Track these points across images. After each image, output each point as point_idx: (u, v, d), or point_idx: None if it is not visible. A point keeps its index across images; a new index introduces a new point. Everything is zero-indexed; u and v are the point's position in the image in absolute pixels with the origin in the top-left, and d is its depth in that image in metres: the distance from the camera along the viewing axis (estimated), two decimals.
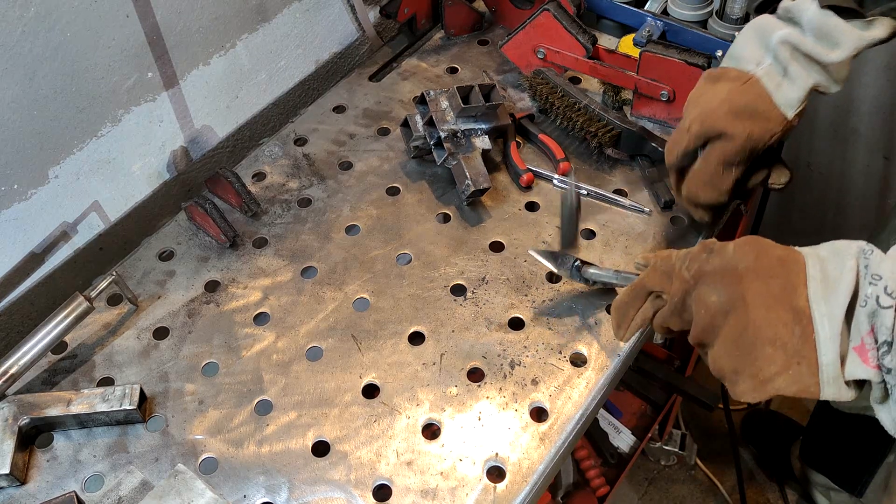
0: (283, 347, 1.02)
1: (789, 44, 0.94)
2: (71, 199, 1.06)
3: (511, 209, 1.17)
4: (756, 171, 1.02)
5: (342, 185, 1.22)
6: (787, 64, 0.94)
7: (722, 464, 2.12)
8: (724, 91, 0.97)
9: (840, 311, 0.68)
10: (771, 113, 0.95)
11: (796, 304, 0.71)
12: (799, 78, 0.94)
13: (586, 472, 1.79)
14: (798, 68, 0.94)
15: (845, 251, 0.71)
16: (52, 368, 1.01)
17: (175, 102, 1.13)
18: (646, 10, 1.36)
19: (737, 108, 0.95)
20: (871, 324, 0.67)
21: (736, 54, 0.99)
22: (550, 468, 0.90)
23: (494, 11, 1.49)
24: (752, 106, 0.95)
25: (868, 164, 1.87)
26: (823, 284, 0.70)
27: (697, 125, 0.97)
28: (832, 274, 0.70)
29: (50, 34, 0.92)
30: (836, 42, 0.92)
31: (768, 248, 0.76)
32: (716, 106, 0.96)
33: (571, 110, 1.21)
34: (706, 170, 0.98)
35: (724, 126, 0.95)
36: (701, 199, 1.01)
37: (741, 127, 0.94)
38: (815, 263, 0.72)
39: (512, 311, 1.04)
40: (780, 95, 0.95)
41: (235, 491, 0.89)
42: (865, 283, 0.67)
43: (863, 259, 0.69)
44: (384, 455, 0.91)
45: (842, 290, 0.68)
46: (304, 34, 1.30)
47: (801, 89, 0.95)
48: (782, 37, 0.94)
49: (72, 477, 0.91)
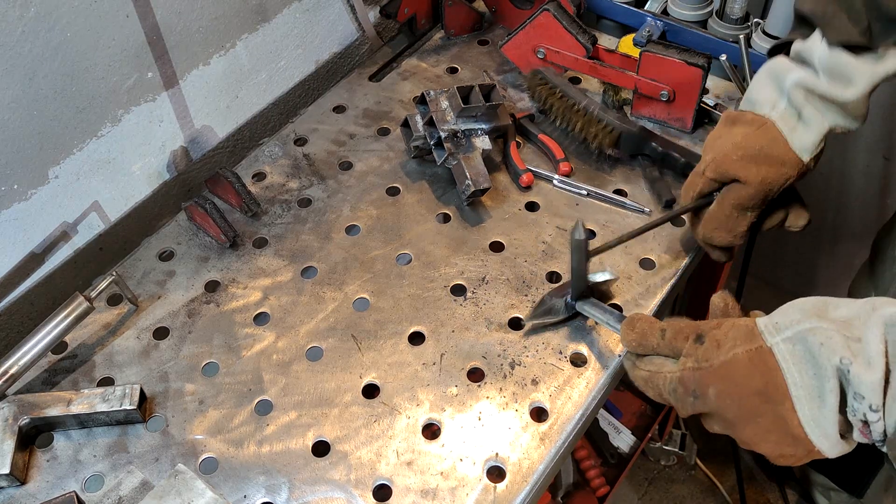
0: (283, 347, 1.02)
1: (803, 87, 0.93)
2: (71, 199, 1.06)
3: (511, 209, 1.17)
4: (773, 213, 1.02)
5: (342, 185, 1.22)
6: (801, 107, 0.93)
7: (722, 464, 2.11)
8: (739, 135, 0.96)
9: (833, 429, 0.68)
10: (786, 157, 0.94)
11: (793, 433, 0.71)
12: (814, 121, 0.93)
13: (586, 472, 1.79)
14: (813, 111, 0.93)
15: (824, 361, 0.68)
16: (52, 368, 1.01)
17: (175, 102, 1.13)
18: (646, 10, 1.36)
19: (751, 154, 0.94)
20: (862, 423, 0.67)
21: (752, 98, 0.99)
22: (550, 468, 0.90)
23: (494, 11, 1.49)
24: (767, 151, 0.94)
25: (868, 164, 1.86)
26: (810, 405, 0.69)
27: (711, 170, 0.97)
28: (815, 389, 0.69)
29: (50, 34, 0.92)
30: (849, 80, 0.90)
31: (745, 387, 0.73)
32: (729, 150, 0.96)
33: (570, 111, 1.21)
34: (720, 214, 0.98)
35: (737, 171, 0.95)
36: (716, 241, 1.01)
37: (755, 172, 0.94)
38: (795, 382, 0.69)
39: (512, 311, 1.04)
40: (796, 139, 0.94)
41: (235, 491, 0.89)
42: (850, 397, 0.66)
43: (843, 373, 0.67)
44: (384, 455, 0.91)
45: (829, 409, 0.68)
46: (304, 34, 1.30)
47: (817, 133, 0.94)
48: (795, 80, 0.93)
49: (72, 477, 0.91)
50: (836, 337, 0.67)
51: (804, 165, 0.95)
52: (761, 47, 1.29)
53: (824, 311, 0.70)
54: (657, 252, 1.10)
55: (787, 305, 0.74)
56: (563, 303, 0.99)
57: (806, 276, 2.24)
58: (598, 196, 1.17)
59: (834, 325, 0.68)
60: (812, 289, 2.28)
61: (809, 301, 0.73)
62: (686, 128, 1.24)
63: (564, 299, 0.99)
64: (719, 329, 0.77)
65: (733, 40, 1.30)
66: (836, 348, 0.67)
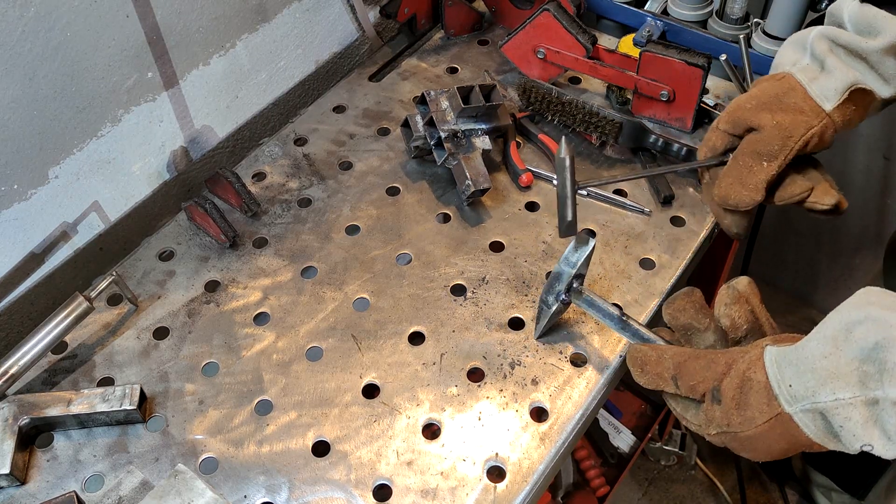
0: (283, 347, 1.02)
1: (826, 38, 0.90)
2: (71, 199, 1.06)
3: (511, 209, 1.17)
4: (795, 181, 0.96)
5: (342, 185, 1.22)
6: (824, 58, 0.91)
7: (722, 464, 2.12)
8: (755, 89, 0.95)
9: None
10: (804, 104, 0.91)
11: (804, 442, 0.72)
12: (836, 69, 0.90)
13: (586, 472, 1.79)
14: (836, 61, 0.90)
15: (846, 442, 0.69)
16: (52, 368, 1.01)
17: (175, 102, 1.13)
18: (646, 10, 1.36)
19: (764, 101, 0.92)
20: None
21: (776, 62, 0.97)
22: (550, 468, 0.90)
23: (494, 11, 1.49)
24: (782, 97, 0.92)
25: (868, 164, 1.86)
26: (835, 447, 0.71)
27: (724, 121, 0.95)
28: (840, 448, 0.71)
29: (50, 34, 0.92)
30: (876, 29, 0.88)
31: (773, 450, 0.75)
32: (744, 101, 0.94)
33: (571, 106, 1.21)
34: (735, 165, 0.94)
35: (749, 118, 0.92)
36: (732, 198, 0.95)
37: (769, 117, 0.91)
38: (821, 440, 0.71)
39: (512, 311, 1.04)
40: (816, 86, 0.91)
41: (235, 491, 0.89)
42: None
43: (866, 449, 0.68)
44: (384, 455, 0.91)
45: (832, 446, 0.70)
46: (304, 34, 1.30)
47: (840, 81, 0.90)
48: (819, 32, 0.91)
49: (72, 477, 0.91)
50: (854, 416, 0.67)
51: (826, 116, 0.91)
52: (761, 47, 1.29)
53: (838, 361, 0.68)
54: (657, 252, 1.10)
55: (799, 355, 0.71)
56: (559, 303, 0.98)
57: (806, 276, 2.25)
58: (598, 196, 1.17)
59: (849, 390, 0.67)
60: (812, 289, 2.28)
61: (820, 347, 0.70)
62: (686, 128, 1.24)
63: (558, 297, 0.98)
64: (730, 381, 0.76)
65: (733, 40, 1.30)
66: (857, 432, 0.67)
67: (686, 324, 0.86)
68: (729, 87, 1.32)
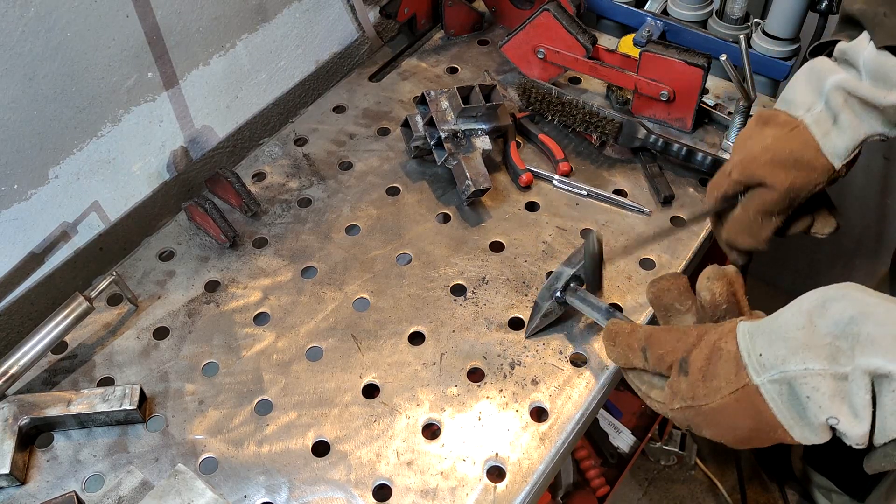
0: (283, 347, 1.02)
1: (843, 89, 0.89)
2: (71, 199, 1.06)
3: (511, 209, 1.17)
4: (799, 219, 0.99)
5: (342, 185, 1.22)
6: (838, 111, 0.90)
7: (722, 464, 2.11)
8: (770, 137, 0.93)
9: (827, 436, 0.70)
10: (816, 162, 0.91)
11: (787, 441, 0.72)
12: (849, 127, 0.90)
13: (586, 472, 1.79)
14: (850, 116, 0.89)
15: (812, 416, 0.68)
16: (52, 368, 1.01)
17: (175, 102, 1.13)
18: (646, 10, 1.36)
19: (780, 158, 0.91)
20: None
21: (788, 98, 0.95)
22: (550, 468, 0.90)
23: (494, 11, 1.49)
24: (796, 155, 0.91)
25: (868, 164, 1.86)
26: (802, 430, 0.70)
27: (738, 172, 0.94)
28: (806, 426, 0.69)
29: (50, 34, 0.92)
30: (893, 82, 0.86)
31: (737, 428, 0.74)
32: (758, 153, 0.93)
33: (571, 106, 1.21)
34: (745, 218, 0.96)
35: (764, 175, 0.92)
36: (739, 245, 0.99)
37: (783, 177, 0.91)
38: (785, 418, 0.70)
39: (512, 311, 1.04)
40: (828, 144, 0.91)
41: (235, 491, 0.89)
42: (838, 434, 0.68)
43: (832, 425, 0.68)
44: (384, 455, 0.91)
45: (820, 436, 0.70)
46: (304, 34, 1.30)
47: (851, 139, 0.90)
48: (836, 82, 0.89)
49: (72, 477, 0.91)
50: (822, 387, 0.66)
51: (835, 172, 0.91)
52: (761, 47, 1.29)
53: (811, 333, 0.68)
54: (657, 252, 1.10)
55: (772, 325, 0.71)
56: (554, 303, 0.99)
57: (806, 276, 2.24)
58: (597, 196, 1.17)
59: (819, 362, 0.66)
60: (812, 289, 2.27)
61: (795, 318, 0.70)
62: (686, 128, 1.24)
63: (554, 297, 0.98)
64: (700, 351, 0.75)
65: (733, 40, 1.30)
66: (824, 404, 0.66)
67: (668, 304, 0.86)
68: (729, 86, 1.32)
